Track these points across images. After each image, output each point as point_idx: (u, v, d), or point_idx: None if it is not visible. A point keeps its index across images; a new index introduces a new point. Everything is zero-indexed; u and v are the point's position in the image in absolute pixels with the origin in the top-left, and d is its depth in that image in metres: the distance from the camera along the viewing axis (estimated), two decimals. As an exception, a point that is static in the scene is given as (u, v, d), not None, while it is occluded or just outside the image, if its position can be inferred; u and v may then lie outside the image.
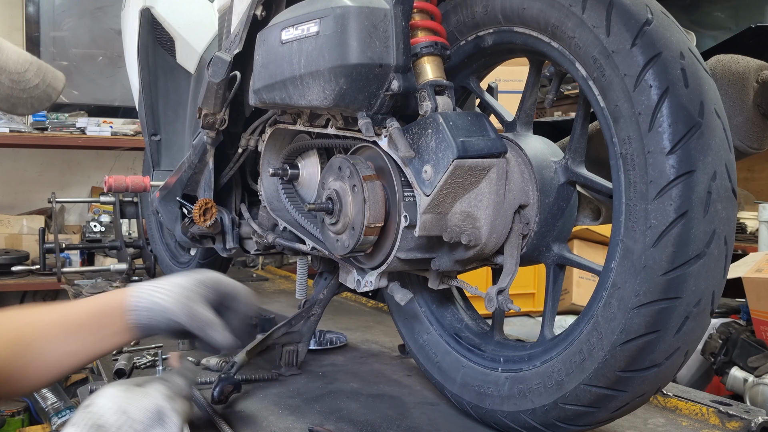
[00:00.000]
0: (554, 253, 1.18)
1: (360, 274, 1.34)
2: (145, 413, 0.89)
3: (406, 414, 1.34)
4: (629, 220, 0.97)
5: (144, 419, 0.88)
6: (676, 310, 0.94)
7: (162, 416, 0.90)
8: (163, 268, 2.56)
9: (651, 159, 0.93)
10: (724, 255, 0.96)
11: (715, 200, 0.93)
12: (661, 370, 0.99)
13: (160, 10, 2.08)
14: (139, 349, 1.75)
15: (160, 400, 0.92)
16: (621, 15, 0.96)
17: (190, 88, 1.94)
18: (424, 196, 1.12)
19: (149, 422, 0.88)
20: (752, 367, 2.46)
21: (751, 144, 1.36)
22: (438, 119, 1.10)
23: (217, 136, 1.59)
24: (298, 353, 1.61)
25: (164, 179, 1.86)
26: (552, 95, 1.20)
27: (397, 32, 1.13)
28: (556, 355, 1.10)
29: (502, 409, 1.18)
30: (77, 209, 4.61)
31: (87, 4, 4.59)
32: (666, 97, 0.92)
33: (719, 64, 1.36)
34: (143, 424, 0.87)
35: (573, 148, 1.15)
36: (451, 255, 1.21)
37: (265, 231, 1.65)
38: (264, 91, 1.30)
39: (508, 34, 1.17)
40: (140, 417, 0.88)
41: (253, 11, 1.39)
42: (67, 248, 2.91)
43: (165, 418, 0.90)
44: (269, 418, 1.31)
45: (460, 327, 1.39)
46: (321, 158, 1.51)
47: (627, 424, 1.30)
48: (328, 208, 1.27)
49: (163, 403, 0.91)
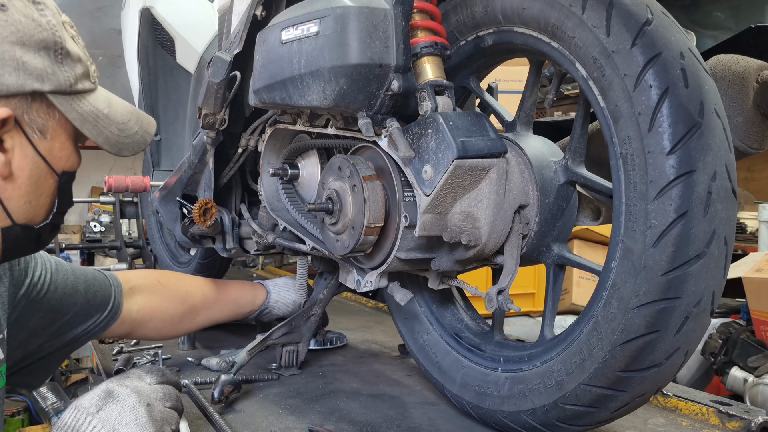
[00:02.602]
0: (554, 253, 1.18)
1: (360, 274, 1.34)
2: (92, 398, 0.97)
3: (406, 414, 1.34)
4: (629, 220, 0.97)
5: (93, 403, 0.96)
6: (676, 310, 0.94)
7: (111, 393, 0.97)
8: (163, 268, 2.56)
9: (651, 159, 0.93)
10: (724, 255, 0.96)
11: (715, 200, 0.93)
12: (661, 370, 0.99)
13: (160, 10, 2.08)
14: (139, 349, 1.75)
15: (107, 383, 1.00)
16: (621, 15, 0.96)
17: (190, 88, 1.94)
18: (424, 196, 1.12)
19: (100, 402, 0.96)
20: (752, 367, 2.46)
21: (751, 144, 1.36)
22: (438, 119, 1.10)
23: (217, 136, 1.59)
24: (298, 353, 1.61)
25: (164, 179, 1.86)
26: (552, 95, 1.20)
27: (397, 32, 1.13)
28: (556, 355, 1.10)
29: (502, 409, 1.18)
30: (77, 209, 4.61)
31: (87, 4, 4.59)
32: (666, 97, 0.92)
33: (719, 64, 1.36)
34: (96, 406, 0.95)
35: (573, 148, 1.15)
36: (451, 255, 1.21)
37: (265, 231, 1.65)
38: (264, 91, 1.30)
39: (508, 34, 1.17)
40: (87, 403, 0.96)
41: (253, 11, 1.39)
42: (67, 248, 2.92)
43: (114, 393, 0.97)
44: (269, 418, 1.31)
45: (460, 327, 1.39)
46: (321, 158, 1.51)
47: (627, 424, 1.30)
48: (328, 208, 1.27)
49: (110, 384, 0.99)
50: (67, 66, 0.96)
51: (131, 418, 0.94)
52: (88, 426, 0.93)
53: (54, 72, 0.94)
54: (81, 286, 1.33)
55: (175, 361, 1.68)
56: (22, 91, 0.91)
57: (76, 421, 0.94)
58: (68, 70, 0.96)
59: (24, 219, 0.99)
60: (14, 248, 1.01)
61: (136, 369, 1.07)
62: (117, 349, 1.76)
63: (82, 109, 0.99)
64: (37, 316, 1.24)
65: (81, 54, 1.00)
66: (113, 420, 0.94)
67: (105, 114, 1.03)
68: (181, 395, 1.08)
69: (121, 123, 1.06)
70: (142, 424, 0.94)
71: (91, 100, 1.01)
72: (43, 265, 1.26)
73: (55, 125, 0.98)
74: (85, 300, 1.33)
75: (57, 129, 0.99)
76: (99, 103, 1.02)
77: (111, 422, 0.93)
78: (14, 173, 0.95)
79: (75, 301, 1.31)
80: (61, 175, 1.01)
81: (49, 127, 0.97)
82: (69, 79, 0.96)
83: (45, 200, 1.01)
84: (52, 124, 0.98)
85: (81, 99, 0.99)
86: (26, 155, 0.96)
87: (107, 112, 1.03)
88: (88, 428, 0.93)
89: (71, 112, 0.98)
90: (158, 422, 0.97)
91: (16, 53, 0.90)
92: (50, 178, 1.00)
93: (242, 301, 1.69)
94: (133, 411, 0.95)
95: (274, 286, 1.74)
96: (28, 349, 1.25)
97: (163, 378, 1.06)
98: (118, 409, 0.95)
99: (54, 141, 0.99)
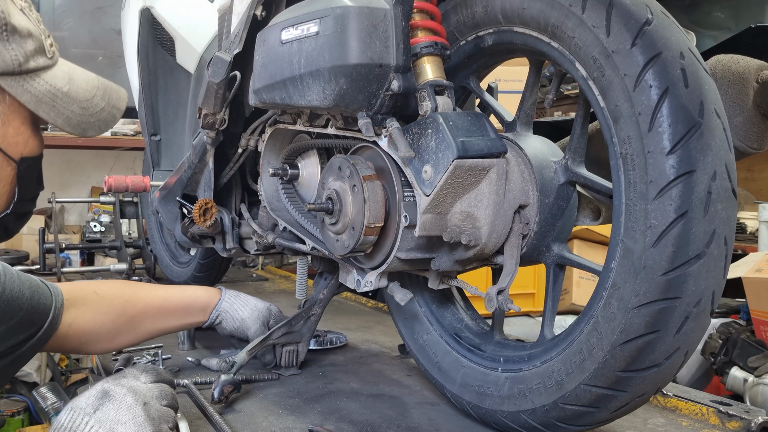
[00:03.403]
0: (554, 253, 1.18)
1: (360, 274, 1.34)
2: (88, 398, 0.96)
3: (406, 414, 1.34)
4: (629, 220, 0.97)
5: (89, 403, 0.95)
6: (676, 310, 0.94)
7: (107, 392, 0.96)
8: (163, 268, 2.56)
9: (651, 159, 0.93)
10: (724, 255, 0.96)
11: (715, 200, 0.93)
12: (661, 370, 0.99)
13: (160, 10, 2.08)
14: (138, 349, 1.75)
15: (102, 383, 0.99)
16: (621, 15, 0.96)
17: (190, 88, 1.94)
18: (424, 196, 1.12)
19: (96, 402, 0.95)
20: (752, 367, 2.46)
21: (751, 144, 1.35)
22: (438, 119, 1.10)
23: (217, 136, 1.59)
24: (298, 353, 1.61)
25: (164, 179, 1.86)
26: (552, 95, 1.20)
27: (397, 32, 1.13)
28: (556, 355, 1.10)
29: (502, 409, 1.18)
30: (77, 209, 4.61)
31: (87, 4, 4.59)
32: (666, 97, 0.92)
33: (719, 64, 1.36)
34: (92, 406, 0.94)
35: (573, 148, 1.15)
36: (451, 255, 1.21)
37: (265, 231, 1.65)
38: (264, 91, 1.30)
39: (508, 34, 1.17)
40: (84, 404, 0.95)
41: (253, 11, 1.39)
42: (67, 248, 2.91)
43: (110, 393, 0.96)
44: (269, 418, 1.31)
45: (460, 327, 1.39)
46: (321, 158, 1.51)
47: (627, 424, 1.30)
48: (328, 208, 1.27)
49: (106, 384, 0.98)
50: (14, 44, 0.88)
51: (128, 417, 0.94)
52: (85, 426, 0.92)
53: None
54: (27, 292, 1.23)
55: (175, 361, 1.68)
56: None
57: (72, 421, 0.93)
58: (15, 48, 0.88)
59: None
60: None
61: (131, 368, 1.06)
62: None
63: (36, 90, 0.92)
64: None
65: (32, 28, 0.91)
66: (110, 419, 0.93)
67: (64, 92, 0.95)
68: (176, 394, 1.07)
69: (85, 100, 0.98)
70: (140, 422, 0.94)
71: (48, 78, 0.93)
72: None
73: (5, 109, 0.91)
74: (30, 305, 1.23)
75: (9, 113, 0.92)
76: (57, 81, 0.94)
77: (108, 422, 0.93)
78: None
79: (21, 305, 1.21)
80: (20, 161, 0.95)
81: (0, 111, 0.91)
82: (17, 58, 0.88)
83: (3, 189, 0.95)
84: (3, 108, 0.91)
85: (34, 78, 0.91)
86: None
87: (67, 89, 0.95)
88: (85, 428, 0.92)
89: (23, 94, 0.91)
90: (155, 420, 0.97)
91: None
92: (7, 166, 0.94)
93: (193, 309, 1.55)
94: (130, 410, 0.94)
95: (234, 296, 1.61)
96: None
97: (157, 377, 1.05)
98: (115, 408, 0.94)
99: (7, 126, 0.92)
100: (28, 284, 1.24)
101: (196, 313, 1.55)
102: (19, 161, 0.95)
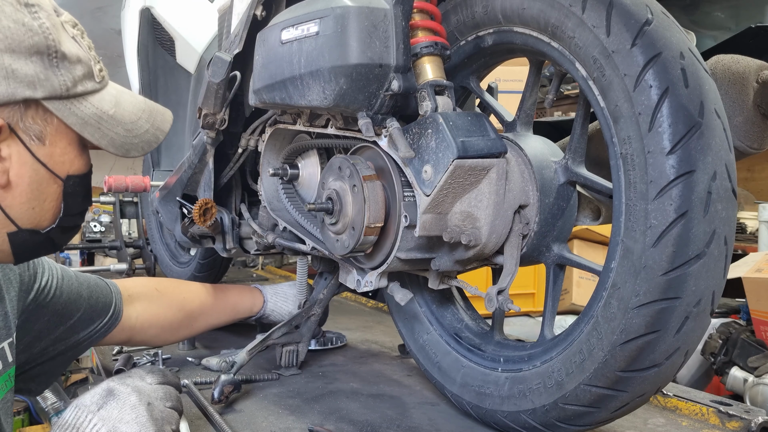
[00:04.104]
0: (554, 253, 1.18)
1: (360, 274, 1.34)
2: (93, 397, 0.97)
3: (406, 414, 1.34)
4: (629, 220, 0.97)
5: (94, 401, 0.96)
6: (676, 310, 0.94)
7: (111, 391, 0.98)
8: (163, 268, 2.57)
9: (651, 159, 0.93)
10: (724, 255, 0.96)
11: (715, 200, 0.93)
12: (661, 370, 0.99)
13: (160, 10, 2.08)
14: (139, 349, 1.75)
15: (108, 382, 1.00)
16: (621, 15, 0.96)
17: (190, 88, 1.94)
18: (424, 196, 1.12)
19: (101, 401, 0.96)
20: (752, 367, 2.46)
21: (751, 144, 1.36)
22: (438, 119, 1.10)
23: (217, 136, 1.59)
24: (298, 353, 1.61)
25: (164, 179, 1.86)
26: (552, 95, 1.20)
27: (397, 32, 1.13)
28: (556, 355, 1.10)
29: (502, 409, 1.18)
30: (77, 209, 4.60)
31: (87, 4, 4.59)
32: (666, 97, 0.92)
33: (719, 64, 1.36)
34: (97, 405, 0.96)
35: (573, 148, 1.15)
36: (451, 255, 1.21)
37: (265, 231, 1.65)
38: (264, 91, 1.30)
39: (508, 34, 1.17)
40: (88, 402, 0.96)
41: (253, 11, 1.39)
42: (67, 248, 2.91)
43: (115, 392, 0.98)
44: (269, 418, 1.31)
45: (460, 327, 1.39)
46: (321, 158, 1.51)
47: (627, 424, 1.30)
48: (328, 208, 1.27)
49: (111, 383, 1.00)
50: (63, 69, 0.93)
51: (132, 416, 0.94)
52: (88, 424, 0.93)
53: (48, 77, 0.91)
54: (84, 292, 1.35)
55: (175, 361, 1.68)
56: (13, 100, 0.89)
57: (76, 419, 0.94)
58: (64, 73, 0.93)
59: (29, 224, 0.98)
60: (26, 251, 1.01)
61: (137, 369, 1.07)
62: (117, 349, 1.76)
63: (82, 113, 0.97)
64: (42, 320, 1.26)
65: (82, 54, 0.97)
66: (114, 418, 0.94)
67: (110, 115, 1.00)
68: (181, 396, 1.08)
69: (130, 123, 1.03)
70: (143, 422, 0.94)
71: (95, 102, 0.99)
72: (50, 270, 1.28)
73: (53, 131, 0.96)
74: (88, 305, 1.35)
75: (56, 134, 0.96)
76: (104, 104, 1.00)
77: (111, 420, 0.93)
78: (12, 181, 0.94)
79: (79, 306, 1.33)
80: (66, 179, 1.00)
81: (47, 133, 0.95)
82: (65, 83, 0.93)
83: (50, 205, 0.99)
84: (51, 129, 0.95)
85: (81, 101, 0.97)
86: (24, 163, 0.94)
87: (113, 112, 1.00)
88: (88, 426, 0.93)
89: (70, 116, 0.96)
90: (158, 421, 0.97)
91: (5, 61, 0.87)
92: (53, 184, 0.98)
93: (240, 308, 1.73)
94: (133, 409, 0.95)
95: (273, 294, 1.77)
96: (32, 353, 1.26)
97: (163, 378, 1.06)
98: (119, 407, 0.95)
99: (54, 147, 0.97)
100: (86, 285, 1.37)
101: (243, 311, 1.73)
102: (65, 179, 1.00)
